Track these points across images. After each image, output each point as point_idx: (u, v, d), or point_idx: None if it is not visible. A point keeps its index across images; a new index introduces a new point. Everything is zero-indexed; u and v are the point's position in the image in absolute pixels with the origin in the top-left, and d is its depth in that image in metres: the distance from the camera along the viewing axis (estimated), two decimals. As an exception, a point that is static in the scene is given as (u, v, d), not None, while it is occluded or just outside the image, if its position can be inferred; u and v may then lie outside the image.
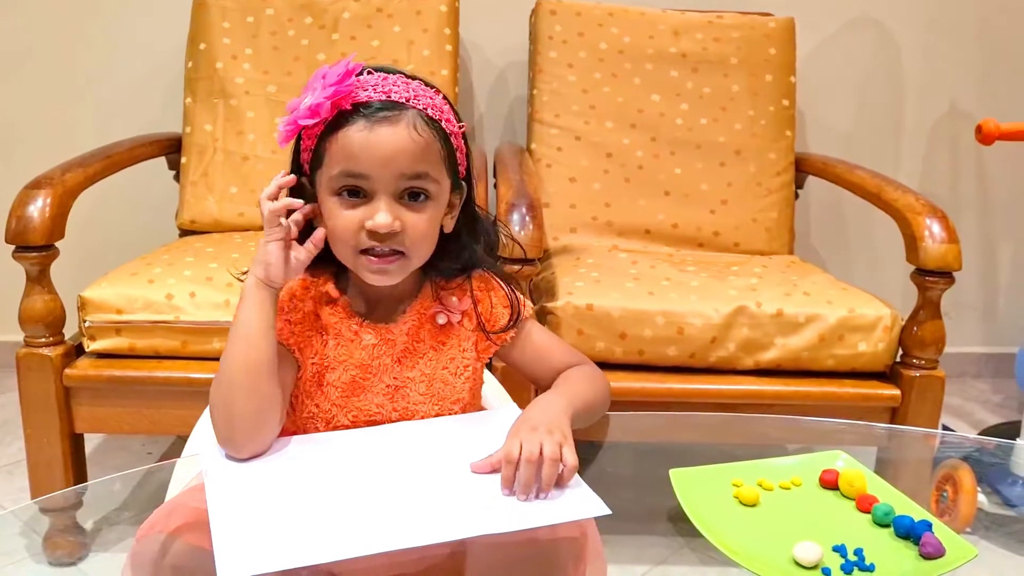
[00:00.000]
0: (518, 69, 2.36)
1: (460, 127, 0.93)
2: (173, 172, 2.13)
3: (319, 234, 0.91)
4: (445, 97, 0.92)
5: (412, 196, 0.88)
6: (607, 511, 0.79)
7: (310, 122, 0.86)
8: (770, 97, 2.15)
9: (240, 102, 2.06)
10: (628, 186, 2.08)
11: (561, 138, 2.10)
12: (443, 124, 0.89)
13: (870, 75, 2.49)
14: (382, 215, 0.86)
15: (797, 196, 2.18)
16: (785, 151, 2.14)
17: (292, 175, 0.91)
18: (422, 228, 0.89)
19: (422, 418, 0.95)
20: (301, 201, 0.90)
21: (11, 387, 1.61)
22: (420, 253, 0.91)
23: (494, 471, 0.84)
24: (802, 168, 2.17)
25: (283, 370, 0.91)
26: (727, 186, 2.09)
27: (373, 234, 0.87)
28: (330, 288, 0.95)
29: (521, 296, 1.01)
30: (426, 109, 0.88)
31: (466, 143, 0.94)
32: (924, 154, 2.55)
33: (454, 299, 0.97)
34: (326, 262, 0.96)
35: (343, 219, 0.88)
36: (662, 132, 2.11)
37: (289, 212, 0.90)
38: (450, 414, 0.96)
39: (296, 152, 0.93)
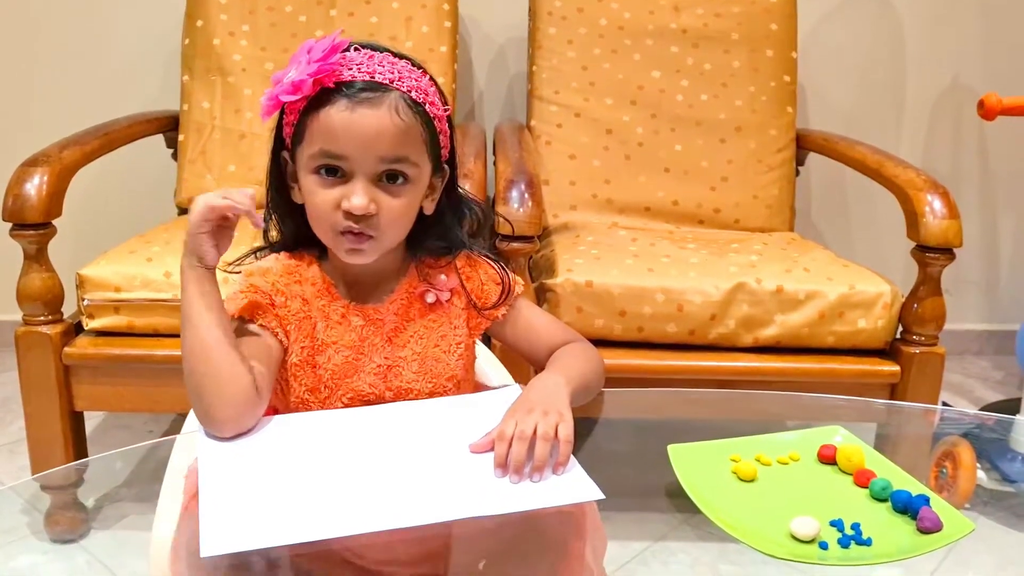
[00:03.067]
0: (518, 45, 2.35)
1: (445, 110, 0.92)
2: (171, 150, 2.12)
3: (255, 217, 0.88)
4: (432, 79, 0.92)
5: (390, 178, 0.88)
6: (600, 495, 0.78)
7: (291, 98, 0.86)
8: (771, 73, 2.13)
9: (238, 79, 2.04)
10: (628, 163, 2.07)
11: (561, 115, 2.09)
12: (427, 107, 0.89)
13: (872, 50, 2.47)
14: (357, 198, 0.86)
15: (798, 173, 2.17)
16: (786, 127, 2.13)
17: (251, 193, 0.88)
18: (397, 211, 0.89)
19: (416, 396, 0.95)
20: (246, 199, 0.87)
21: (12, 366, 1.61)
22: (392, 235, 0.91)
23: (491, 450, 0.83)
24: (803, 144, 2.15)
25: (265, 355, 0.90)
26: (727, 163, 2.08)
27: (348, 214, 0.87)
28: (315, 272, 0.95)
29: (512, 273, 1.01)
30: (410, 91, 0.88)
31: (451, 126, 0.94)
32: (926, 129, 2.54)
33: (442, 277, 0.97)
34: (309, 245, 0.96)
35: (320, 198, 0.88)
36: (662, 109, 2.10)
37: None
38: (444, 391, 0.96)
39: (279, 126, 0.93)
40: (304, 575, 0.85)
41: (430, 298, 0.96)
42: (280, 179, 0.95)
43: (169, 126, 2.08)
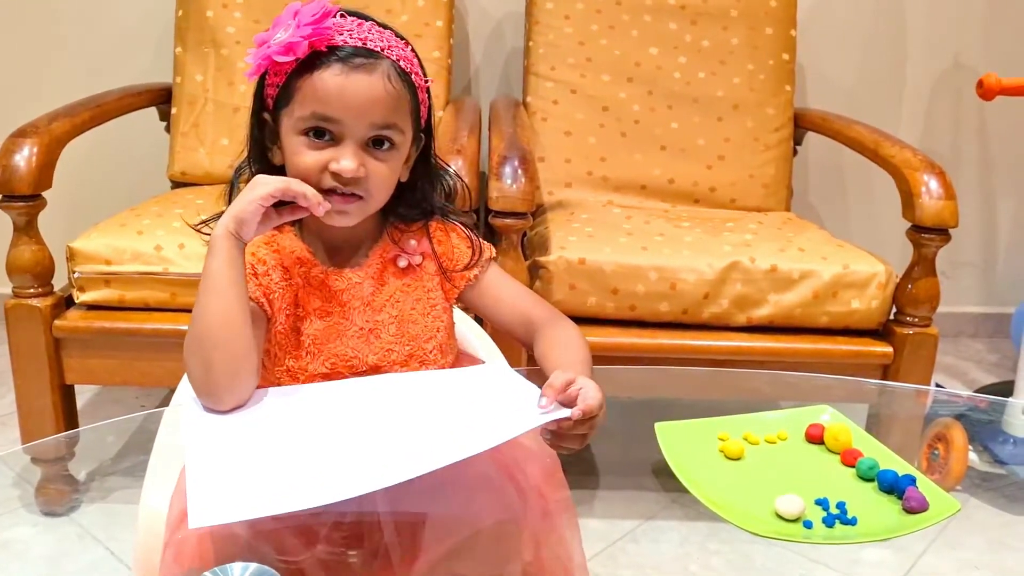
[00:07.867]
0: (515, 20, 2.32)
1: (426, 82, 0.95)
2: (164, 123, 2.10)
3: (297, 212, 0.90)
4: (414, 50, 0.94)
5: (376, 143, 0.90)
6: (566, 413, 0.79)
7: (284, 59, 0.87)
8: (770, 51, 2.11)
9: (231, 52, 2.02)
10: (624, 140, 2.06)
11: (557, 91, 2.07)
12: (413, 78, 0.91)
13: (873, 28, 2.45)
14: (348, 160, 0.87)
15: (796, 152, 2.16)
16: (784, 106, 2.11)
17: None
18: (384, 175, 0.91)
19: (396, 358, 0.96)
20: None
21: (2, 339, 1.61)
22: (378, 198, 0.93)
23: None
24: (801, 124, 2.14)
25: (254, 327, 0.90)
26: (724, 141, 2.07)
27: (337, 176, 0.88)
28: (291, 239, 0.96)
29: (482, 239, 1.02)
30: (399, 61, 0.90)
31: (429, 97, 0.96)
32: (926, 109, 2.52)
33: (412, 242, 0.99)
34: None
35: (308, 158, 0.89)
36: (659, 86, 2.08)
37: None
38: (424, 354, 0.97)
39: (260, 87, 0.93)
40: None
41: (402, 263, 0.97)
42: (260, 140, 0.95)
43: (162, 99, 2.07)
